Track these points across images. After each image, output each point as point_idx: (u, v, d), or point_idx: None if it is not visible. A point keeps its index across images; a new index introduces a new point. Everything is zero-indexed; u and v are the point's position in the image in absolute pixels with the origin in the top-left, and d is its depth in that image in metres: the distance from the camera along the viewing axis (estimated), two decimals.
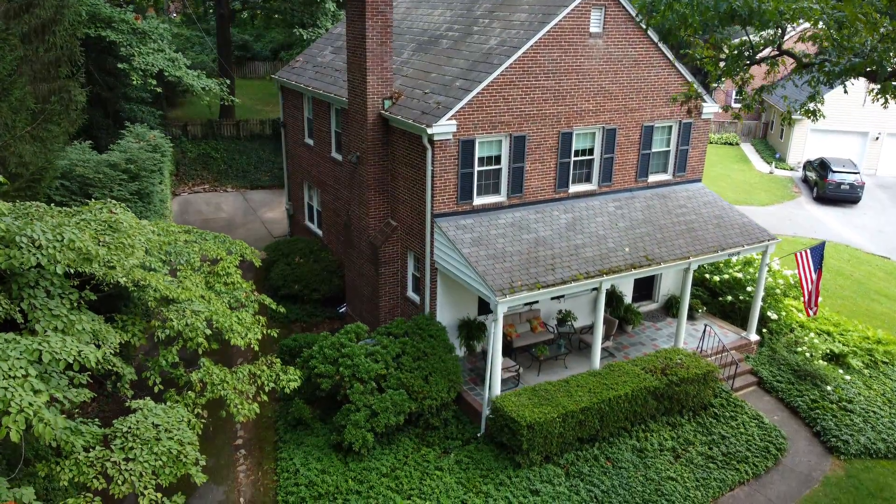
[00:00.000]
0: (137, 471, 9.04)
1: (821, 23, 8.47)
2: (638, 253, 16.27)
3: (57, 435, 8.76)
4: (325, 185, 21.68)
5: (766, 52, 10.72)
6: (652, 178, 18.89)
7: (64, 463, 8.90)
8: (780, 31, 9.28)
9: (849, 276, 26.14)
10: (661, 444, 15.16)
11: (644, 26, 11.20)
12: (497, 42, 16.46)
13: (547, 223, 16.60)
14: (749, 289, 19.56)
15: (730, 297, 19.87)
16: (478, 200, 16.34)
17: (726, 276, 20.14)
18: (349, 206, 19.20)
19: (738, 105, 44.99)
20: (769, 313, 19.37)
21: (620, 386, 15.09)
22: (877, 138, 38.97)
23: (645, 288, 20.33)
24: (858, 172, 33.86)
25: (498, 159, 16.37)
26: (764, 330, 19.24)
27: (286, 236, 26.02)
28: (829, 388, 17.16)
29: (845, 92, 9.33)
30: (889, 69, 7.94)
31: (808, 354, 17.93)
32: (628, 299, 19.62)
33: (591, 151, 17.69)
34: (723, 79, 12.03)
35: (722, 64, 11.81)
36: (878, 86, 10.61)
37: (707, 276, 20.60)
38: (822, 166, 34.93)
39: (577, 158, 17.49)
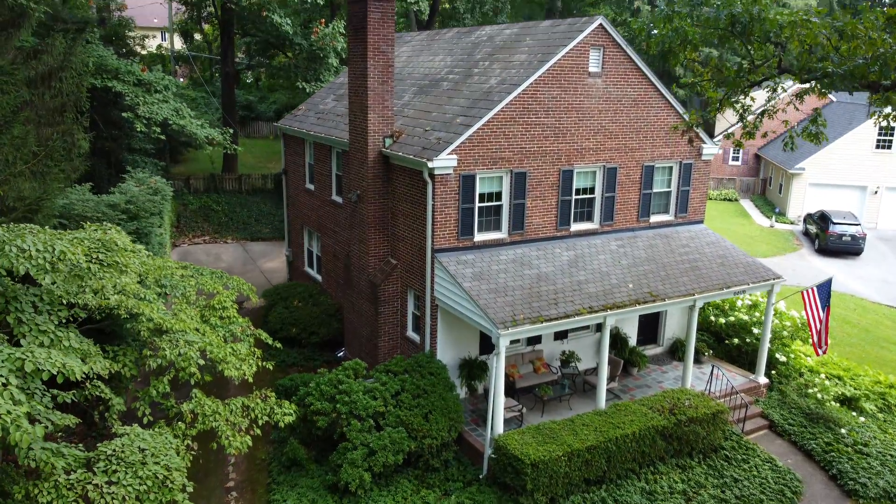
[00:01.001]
0: (120, 495, 8.56)
1: (821, 36, 8.49)
2: (642, 289, 15.99)
3: (37, 454, 8.35)
4: (325, 229, 21.58)
5: (766, 71, 10.73)
6: (654, 219, 18.78)
7: (42, 485, 8.43)
8: (779, 47, 9.30)
9: (856, 324, 25.74)
10: (672, 487, 14.51)
11: (644, 49, 11.24)
12: (497, 81, 16.63)
13: (549, 260, 16.39)
14: (756, 331, 19.17)
15: (736, 340, 19.47)
16: (479, 236, 16.18)
17: (732, 319, 19.79)
18: (349, 247, 19.04)
19: (724, 142, 45.38)
20: (777, 356, 18.92)
21: (627, 425, 14.57)
22: (875, 192, 39.15)
23: (649, 331, 19.94)
24: (859, 224, 33.83)
25: (499, 195, 16.30)
26: (773, 372, 18.76)
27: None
28: (843, 431, 16.57)
29: (850, 94, 9.18)
30: (894, 73, 7.88)
31: (819, 396, 17.40)
32: (633, 342, 19.21)
33: (592, 190, 17.64)
34: (723, 107, 12.03)
35: (721, 92, 11.82)
36: (880, 109, 10.58)
37: (712, 318, 20.24)
38: (822, 219, 34.94)
39: (578, 197, 17.42)
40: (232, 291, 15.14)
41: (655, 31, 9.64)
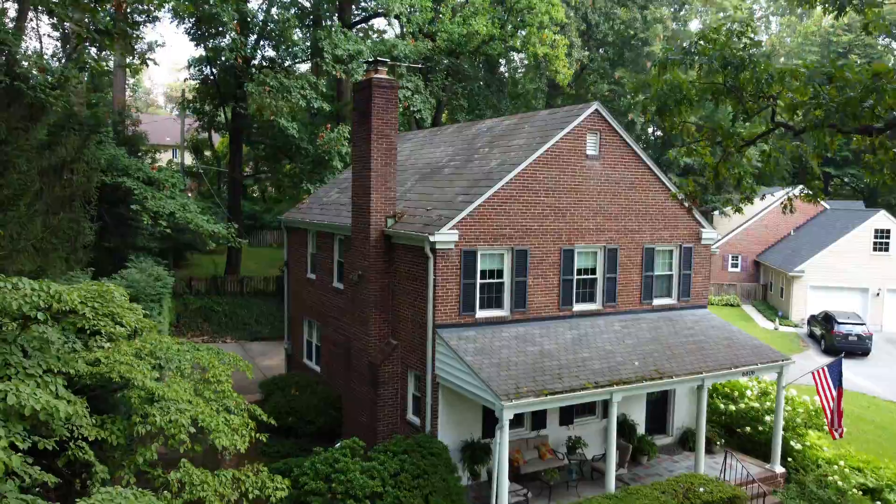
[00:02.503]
0: None
1: (811, 83, 8.80)
2: (648, 367, 15.60)
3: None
4: (325, 317, 21.37)
5: (760, 126, 11.01)
6: (657, 302, 18.63)
7: None
8: (772, 100, 9.59)
9: (871, 421, 24.93)
10: None
11: (640, 111, 11.58)
12: (497, 163, 17.04)
13: (552, 338, 16.11)
14: (768, 418, 18.52)
15: (748, 429, 18.77)
16: (480, 313, 16.00)
17: (742, 406, 19.17)
18: (349, 332, 18.78)
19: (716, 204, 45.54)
20: (792, 443, 18.17)
21: None
22: (877, 294, 39.08)
23: (658, 420, 19.27)
24: (864, 324, 33.52)
25: (500, 273, 16.27)
26: (789, 459, 17.94)
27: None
28: None
29: (848, 136, 9.28)
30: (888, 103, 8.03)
31: (840, 485, 16.53)
32: (641, 429, 18.51)
33: (593, 271, 17.62)
34: (720, 172, 12.23)
35: (716, 157, 12.07)
36: (874, 159, 10.75)
37: (721, 406, 19.61)
38: (826, 319, 34.66)
39: (580, 277, 17.37)
40: (228, 366, 14.79)
41: (649, 92, 9.99)
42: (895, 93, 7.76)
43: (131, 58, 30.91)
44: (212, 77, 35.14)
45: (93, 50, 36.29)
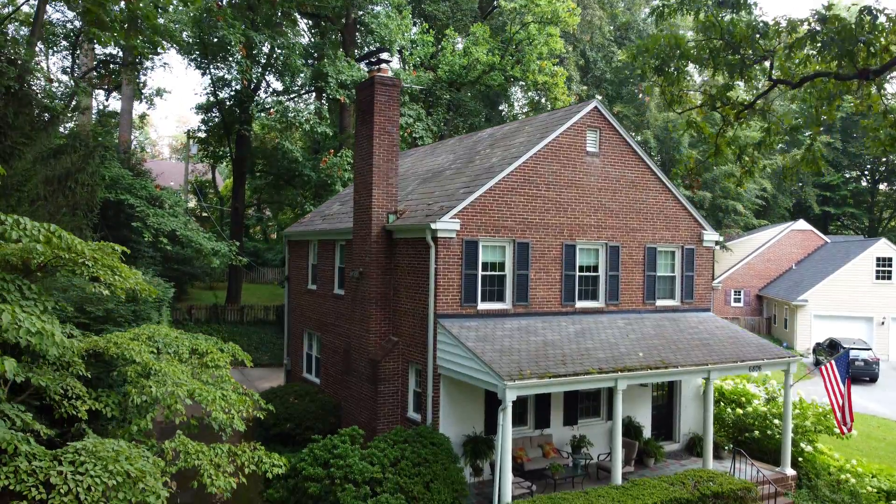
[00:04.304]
0: (86, 483, 7.68)
1: (805, 25, 8.94)
2: (653, 358, 15.36)
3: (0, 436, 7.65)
4: (325, 326, 21.17)
5: (756, 85, 11.10)
6: (660, 303, 18.47)
7: (1, 470, 7.59)
8: (769, 54, 9.68)
9: (882, 439, 24.41)
10: None
11: (640, 73, 11.72)
12: (498, 159, 17.16)
13: (555, 330, 15.92)
14: (777, 422, 18.13)
15: (757, 433, 18.34)
16: (482, 305, 15.85)
17: (750, 410, 18.78)
18: (349, 335, 18.57)
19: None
20: (802, 445, 17.73)
21: (648, 496, 13.34)
22: (882, 323, 38.75)
23: (664, 426, 18.86)
24: (870, 349, 33.12)
25: (502, 266, 16.19)
26: (800, 459, 17.47)
27: None
28: None
29: (846, 84, 9.16)
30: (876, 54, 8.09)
31: (853, 482, 16.07)
32: (647, 433, 18.10)
33: (595, 268, 17.53)
34: (720, 148, 12.28)
35: (714, 129, 12.14)
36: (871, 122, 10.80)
37: (729, 411, 19.21)
38: (831, 346, 34.28)
39: (582, 274, 17.27)
40: (227, 354, 14.62)
41: (646, 52, 10.11)
42: (889, 21, 7.88)
43: (138, 101, 31.53)
44: (217, 117, 35.65)
45: (101, 93, 37.04)
